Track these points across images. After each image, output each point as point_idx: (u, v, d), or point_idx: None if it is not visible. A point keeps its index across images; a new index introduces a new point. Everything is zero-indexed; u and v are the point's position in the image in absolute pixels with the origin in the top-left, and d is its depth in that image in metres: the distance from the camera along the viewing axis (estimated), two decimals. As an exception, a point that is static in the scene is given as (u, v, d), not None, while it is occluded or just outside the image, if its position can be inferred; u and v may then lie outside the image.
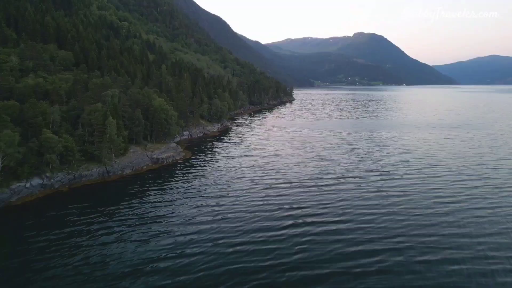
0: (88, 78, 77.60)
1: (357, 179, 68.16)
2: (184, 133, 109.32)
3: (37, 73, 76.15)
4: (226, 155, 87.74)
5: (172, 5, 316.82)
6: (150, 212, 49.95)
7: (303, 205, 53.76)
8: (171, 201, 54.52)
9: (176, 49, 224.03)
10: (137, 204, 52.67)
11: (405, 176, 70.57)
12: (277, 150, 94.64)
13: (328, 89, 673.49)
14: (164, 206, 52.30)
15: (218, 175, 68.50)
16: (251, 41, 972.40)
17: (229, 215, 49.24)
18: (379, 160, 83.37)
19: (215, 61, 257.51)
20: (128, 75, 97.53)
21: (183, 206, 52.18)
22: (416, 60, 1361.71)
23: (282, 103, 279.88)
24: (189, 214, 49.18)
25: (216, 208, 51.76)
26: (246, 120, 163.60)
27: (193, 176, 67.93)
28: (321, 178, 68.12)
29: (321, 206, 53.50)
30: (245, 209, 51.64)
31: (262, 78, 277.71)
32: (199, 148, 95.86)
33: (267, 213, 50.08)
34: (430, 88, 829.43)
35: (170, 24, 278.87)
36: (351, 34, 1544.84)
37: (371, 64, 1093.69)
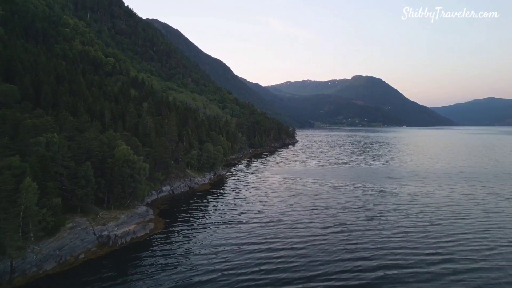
0: (22, 119, 56.03)
1: (408, 271, 43.95)
2: (164, 188, 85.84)
3: (-51, 112, 55.01)
4: (211, 222, 63.69)
5: (170, 45, 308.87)
6: None
7: None
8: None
9: (170, 88, 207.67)
10: None
11: (482, 263, 46.49)
12: (280, 212, 70.92)
13: (329, 130, 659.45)
14: None
15: (189, 267, 43.87)
16: (252, 83, 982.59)
17: None
18: (428, 232, 59.26)
19: (213, 101, 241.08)
20: (92, 115, 76.54)
21: None
22: (415, 102, 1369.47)
23: (284, 145, 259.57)
24: None
25: None
26: (244, 167, 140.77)
27: (152, 271, 43.16)
28: (349, 271, 43.94)
29: None
30: None
31: (263, 119, 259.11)
32: (179, 210, 71.82)
33: None
34: (431, 129, 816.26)
35: (166, 64, 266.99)
36: (349, 77, 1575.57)
37: (370, 105, 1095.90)
